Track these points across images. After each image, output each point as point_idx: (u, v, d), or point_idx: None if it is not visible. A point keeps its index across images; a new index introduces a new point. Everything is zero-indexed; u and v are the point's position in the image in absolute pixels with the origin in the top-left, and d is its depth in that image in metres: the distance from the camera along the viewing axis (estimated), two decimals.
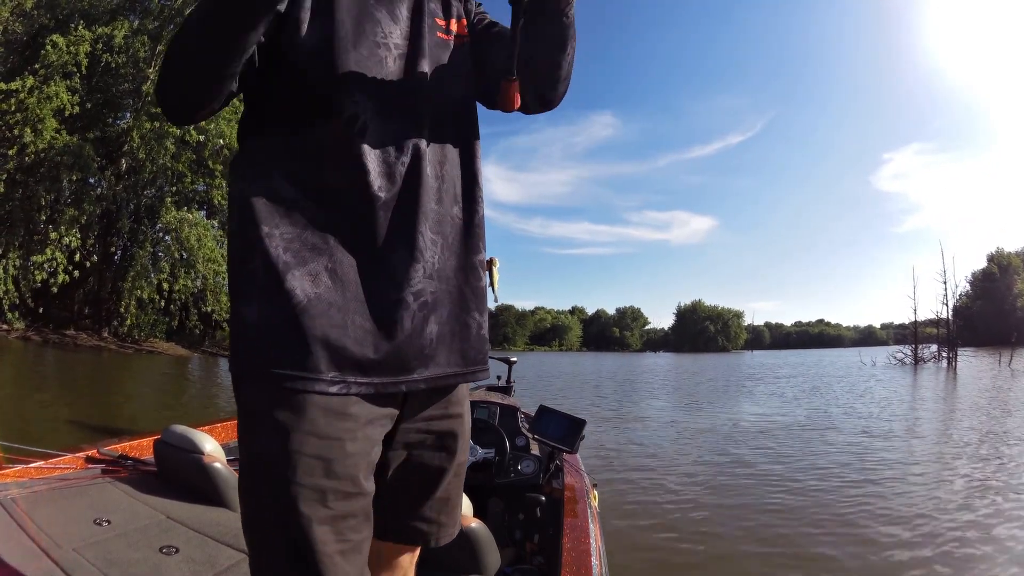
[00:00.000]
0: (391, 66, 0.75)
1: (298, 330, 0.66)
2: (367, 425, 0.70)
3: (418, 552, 0.90)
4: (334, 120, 0.72)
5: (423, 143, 0.75)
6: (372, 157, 0.71)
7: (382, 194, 0.72)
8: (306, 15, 0.71)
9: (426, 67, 0.78)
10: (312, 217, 0.70)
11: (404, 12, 0.79)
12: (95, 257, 16.20)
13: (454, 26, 0.85)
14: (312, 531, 0.64)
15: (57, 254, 13.91)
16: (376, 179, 0.71)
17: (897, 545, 3.12)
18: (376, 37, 0.74)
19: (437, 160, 0.77)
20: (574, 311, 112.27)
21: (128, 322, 15.32)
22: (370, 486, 0.70)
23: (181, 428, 1.79)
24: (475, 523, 1.45)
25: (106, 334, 16.55)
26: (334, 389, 0.67)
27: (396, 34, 0.77)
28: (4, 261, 13.79)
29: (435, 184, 0.76)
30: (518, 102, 0.80)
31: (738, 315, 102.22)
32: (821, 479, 4.63)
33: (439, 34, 0.82)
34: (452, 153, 0.80)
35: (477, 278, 0.81)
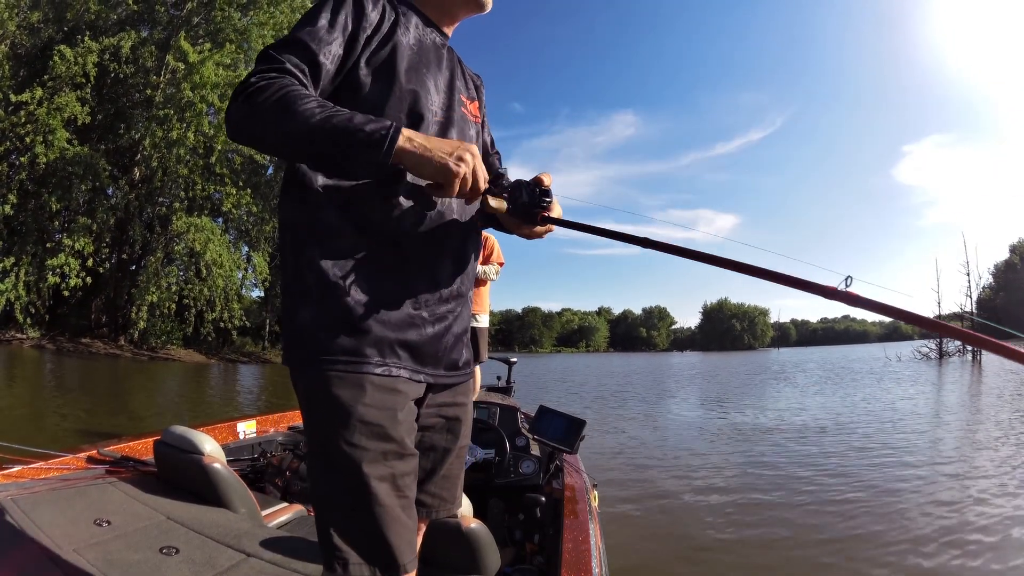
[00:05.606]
0: (431, 131, 0.91)
1: (351, 326, 0.83)
2: (411, 401, 0.87)
3: (423, 529, 1.00)
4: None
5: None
6: (408, 198, 0.88)
7: (416, 228, 0.89)
8: (368, 77, 0.88)
9: (454, 135, 0.96)
10: (357, 241, 0.86)
11: (442, 85, 0.97)
12: (106, 265, 16.35)
13: (474, 108, 1.05)
14: (376, 487, 0.78)
15: (70, 260, 14.08)
16: (410, 216, 0.88)
17: (912, 553, 3.04)
18: (422, 103, 0.91)
19: (462, 208, 0.95)
20: (601, 312, 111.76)
21: (139, 326, 15.35)
22: (415, 450, 0.86)
23: (181, 429, 1.79)
24: (475, 523, 1.43)
25: (122, 342, 16.72)
26: (379, 371, 0.83)
27: (436, 103, 0.94)
28: (17, 269, 13.99)
29: (460, 227, 0.95)
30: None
31: (764, 312, 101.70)
32: (829, 480, 4.56)
33: (463, 110, 1.01)
34: (472, 206, 0.97)
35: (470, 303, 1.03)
